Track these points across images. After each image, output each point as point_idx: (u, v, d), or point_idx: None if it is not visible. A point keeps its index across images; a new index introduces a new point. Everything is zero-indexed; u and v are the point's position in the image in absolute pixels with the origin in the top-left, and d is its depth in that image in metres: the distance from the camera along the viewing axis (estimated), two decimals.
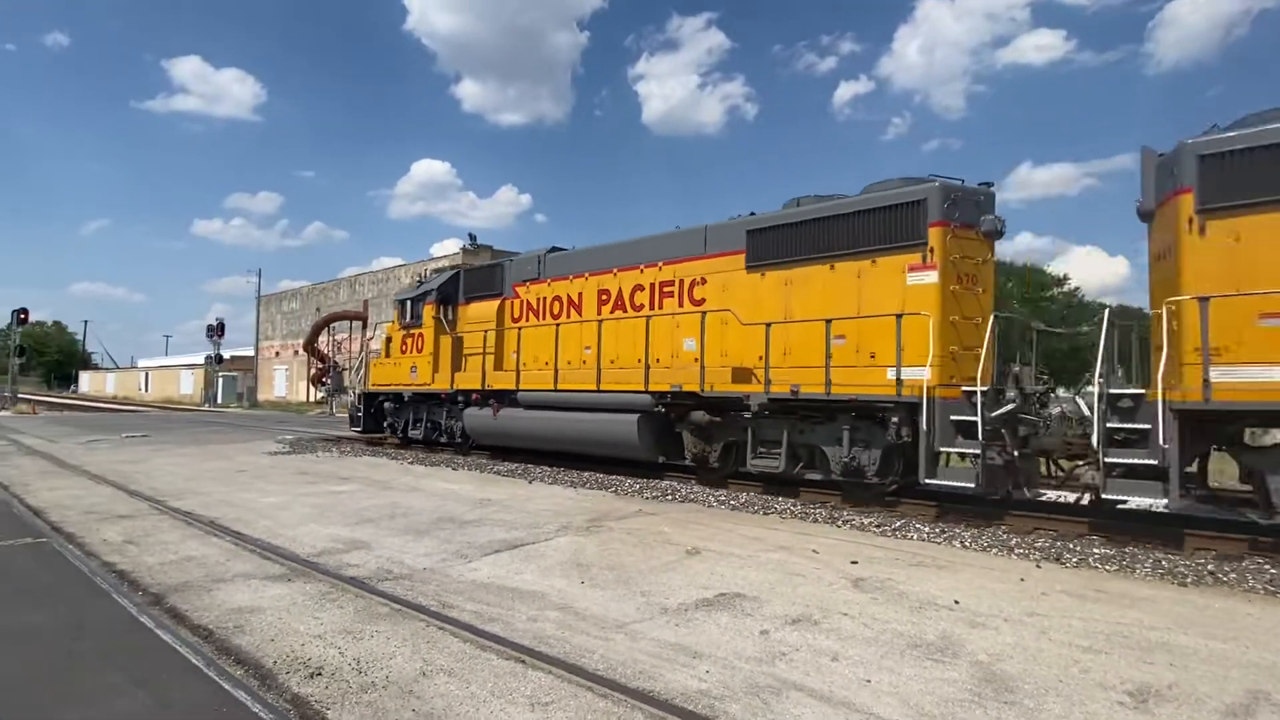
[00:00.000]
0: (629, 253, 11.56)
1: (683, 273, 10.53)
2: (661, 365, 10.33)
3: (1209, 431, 6.49)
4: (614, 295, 11.52)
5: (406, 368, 14.94)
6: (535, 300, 12.90)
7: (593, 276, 11.93)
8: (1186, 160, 6.47)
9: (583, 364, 11.43)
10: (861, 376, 8.22)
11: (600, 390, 10.93)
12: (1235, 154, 6.26)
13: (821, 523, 7.54)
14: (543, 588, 5.01)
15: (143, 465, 11.91)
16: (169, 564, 5.54)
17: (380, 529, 6.96)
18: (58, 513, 7.56)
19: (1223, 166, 6.29)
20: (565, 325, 11.95)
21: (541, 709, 3.16)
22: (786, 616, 4.44)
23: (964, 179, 8.33)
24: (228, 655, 3.73)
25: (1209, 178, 6.33)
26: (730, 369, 9.41)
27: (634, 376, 10.47)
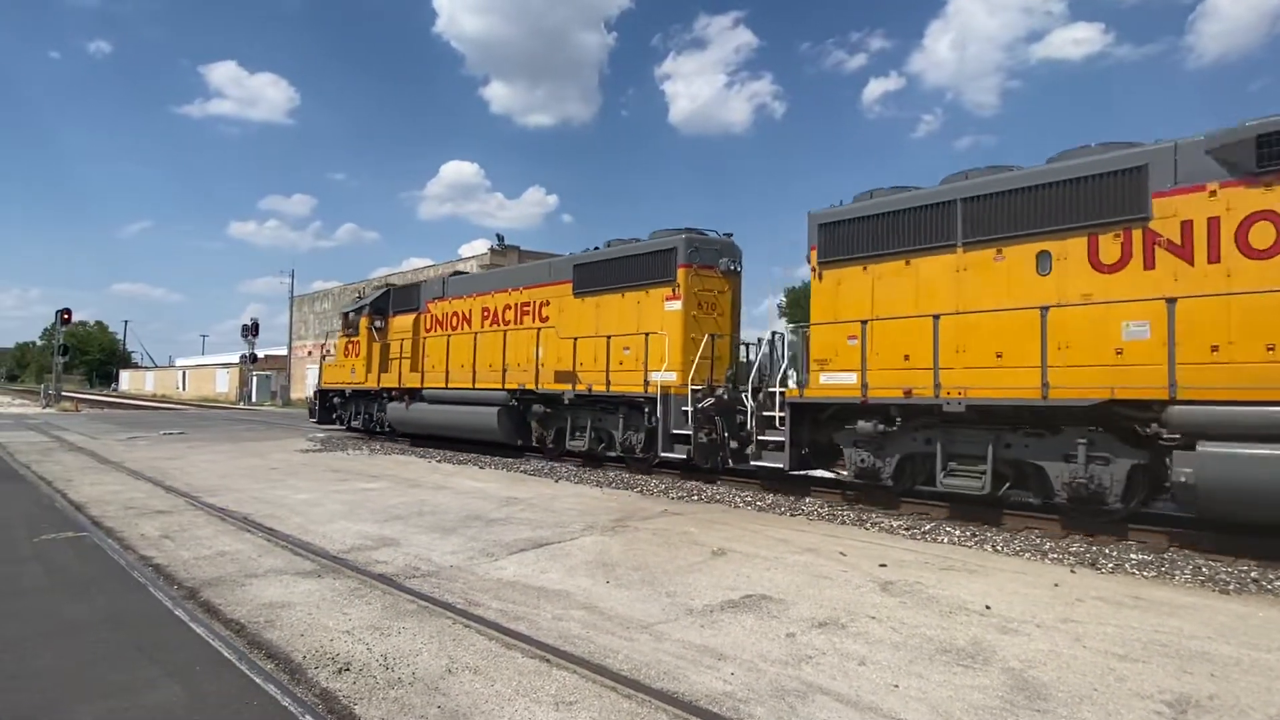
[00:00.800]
0: (504, 279, 14.68)
1: (535, 296, 13.36)
2: (520, 369, 13.15)
3: (811, 418, 9.01)
4: (491, 313, 14.40)
5: (348, 369, 18.30)
6: (440, 315, 15.82)
7: (479, 297, 14.78)
8: (812, 226, 9.14)
9: (460, 367, 14.38)
10: (632, 379, 11.04)
11: (475, 388, 13.88)
12: (836, 224, 8.91)
13: (849, 525, 7.45)
14: (568, 587, 5.02)
15: (179, 462, 12.18)
16: (203, 559, 5.65)
17: (409, 526, 7.03)
18: (98, 508, 7.76)
19: (831, 232, 8.94)
20: (455, 336, 14.95)
21: (566, 708, 3.16)
22: (813, 619, 4.39)
23: (715, 230, 11.54)
24: (259, 649, 3.79)
25: (823, 239, 9.00)
26: (554, 372, 12.39)
27: (497, 378, 13.45)
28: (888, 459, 8.17)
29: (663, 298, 11.00)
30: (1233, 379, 5.93)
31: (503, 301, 14.17)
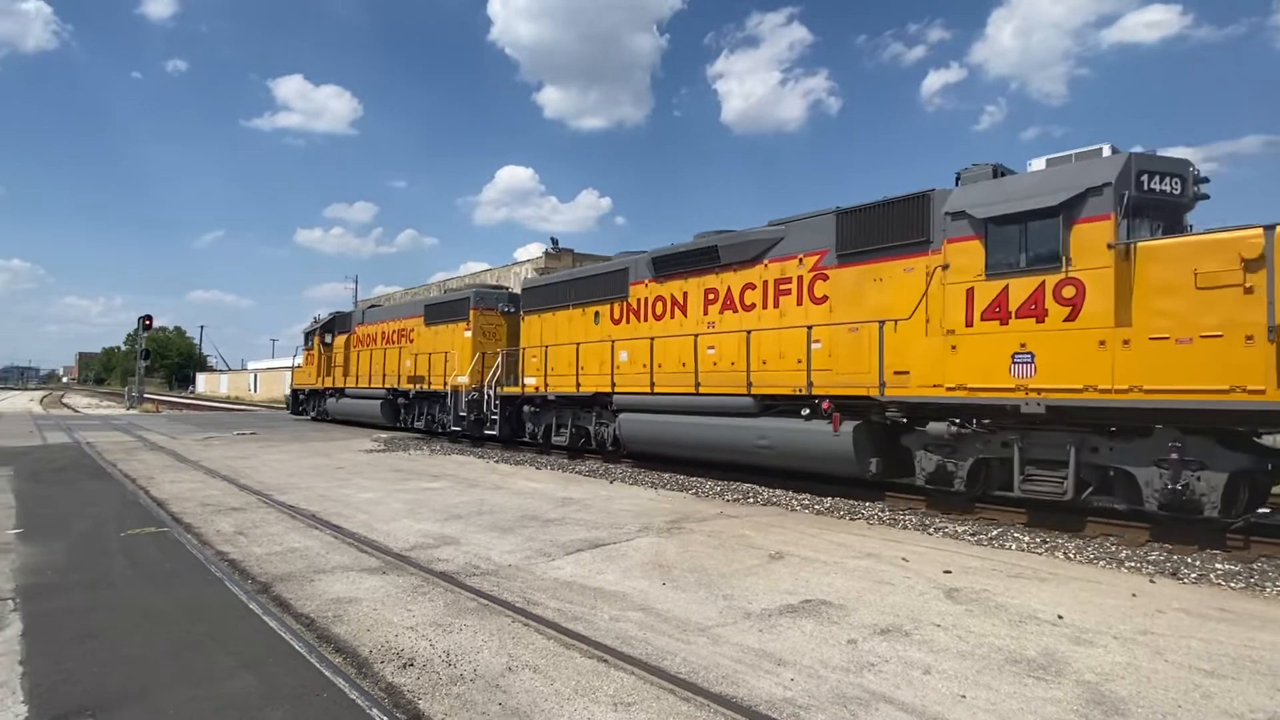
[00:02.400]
0: (391, 312, 22.24)
1: (405, 325, 20.61)
2: (393, 375, 20.30)
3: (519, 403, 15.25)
4: (385, 335, 21.48)
5: (307, 375, 26.41)
6: (361, 336, 23.03)
7: (381, 324, 22.08)
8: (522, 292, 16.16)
9: (366, 373, 21.80)
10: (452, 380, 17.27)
11: (370, 388, 21.32)
12: (529, 289, 15.67)
13: (911, 530, 7.27)
14: (624, 588, 5.03)
15: (251, 461, 12.70)
16: (274, 554, 5.88)
17: (468, 525, 7.16)
18: (178, 504, 8.15)
19: (528, 295, 15.62)
20: (364, 351, 22.40)
21: (624, 709, 3.16)
22: (875, 626, 4.30)
23: (508, 287, 19.19)
24: (327, 643, 3.92)
25: (523, 300, 15.80)
26: (408, 376, 19.38)
27: (381, 380, 20.81)
28: (544, 424, 14.68)
29: (463, 329, 17.64)
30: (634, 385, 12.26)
31: (392, 328, 21.25)
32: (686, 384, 11.06)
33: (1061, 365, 7.00)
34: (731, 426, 10.22)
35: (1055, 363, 7.05)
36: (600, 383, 12.80)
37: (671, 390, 11.32)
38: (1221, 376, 6.03)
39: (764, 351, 10.01)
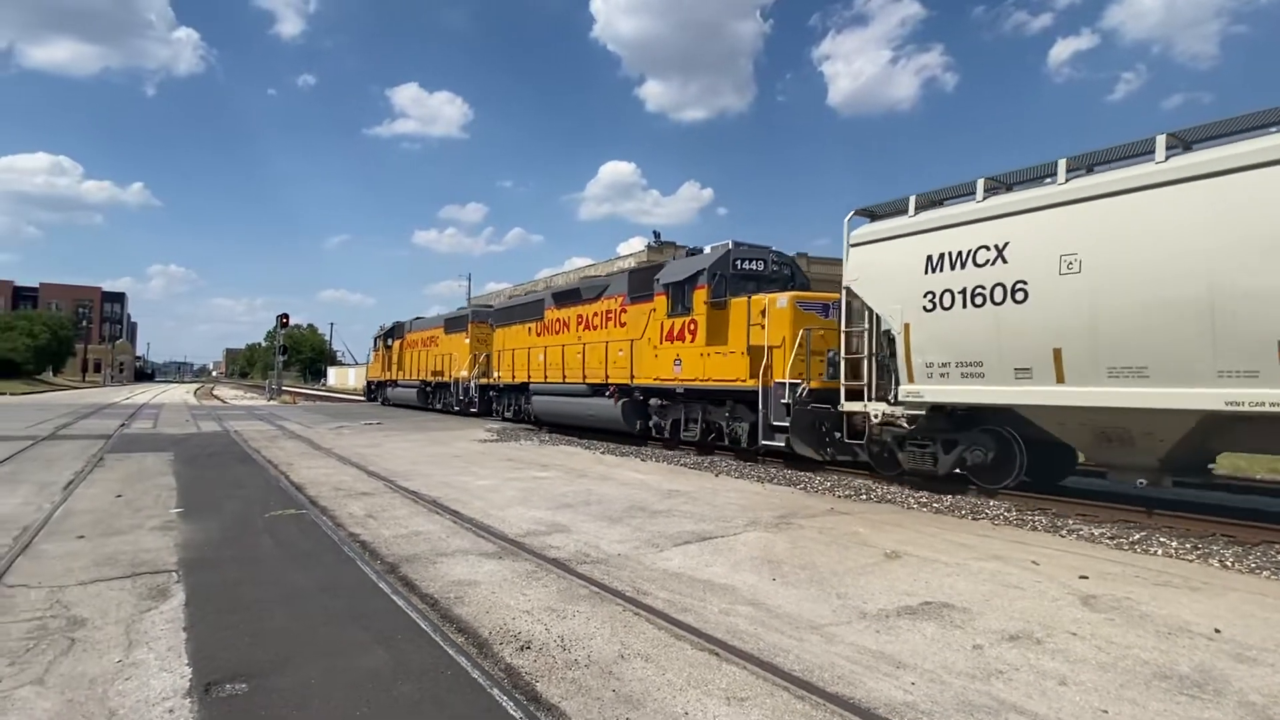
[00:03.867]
0: (425, 324, 29.05)
1: (435, 333, 27.11)
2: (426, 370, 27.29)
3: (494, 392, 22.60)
4: (420, 341, 28.67)
5: (376, 370, 35.11)
6: (409, 341, 30.10)
7: (419, 332, 29.11)
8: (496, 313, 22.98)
9: (411, 369, 29.28)
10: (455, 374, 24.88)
11: (411, 380, 29.13)
12: (500, 309, 22.26)
13: (1041, 531, 6.82)
14: (733, 582, 4.99)
15: (377, 449, 13.51)
16: (400, 537, 6.22)
17: (577, 514, 7.32)
18: (314, 489, 8.78)
19: (498, 313, 22.18)
20: (409, 352, 29.73)
21: (738, 704, 3.13)
22: (1003, 632, 4.05)
23: (491, 305, 26.68)
24: (450, 623, 4.11)
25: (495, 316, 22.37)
26: (431, 371, 26.95)
27: (418, 375, 28.29)
28: (501, 404, 21.39)
29: (464, 337, 24.19)
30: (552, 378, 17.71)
31: (425, 335, 28.09)
32: (562, 377, 16.98)
33: (692, 366, 12.74)
34: (577, 403, 16.26)
35: (688, 365, 12.85)
36: (525, 376, 19.08)
37: (555, 380, 17.33)
38: (742, 372, 11.63)
39: (592, 357, 15.84)
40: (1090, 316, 6.96)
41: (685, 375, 12.88)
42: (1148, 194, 6.65)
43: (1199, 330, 6.23)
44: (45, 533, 6.23)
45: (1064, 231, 7.18)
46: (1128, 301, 6.70)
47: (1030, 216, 7.49)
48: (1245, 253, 5.98)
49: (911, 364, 8.53)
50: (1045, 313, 7.28)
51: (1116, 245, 6.81)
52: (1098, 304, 6.90)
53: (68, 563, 5.27)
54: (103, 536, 6.13)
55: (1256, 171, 5.98)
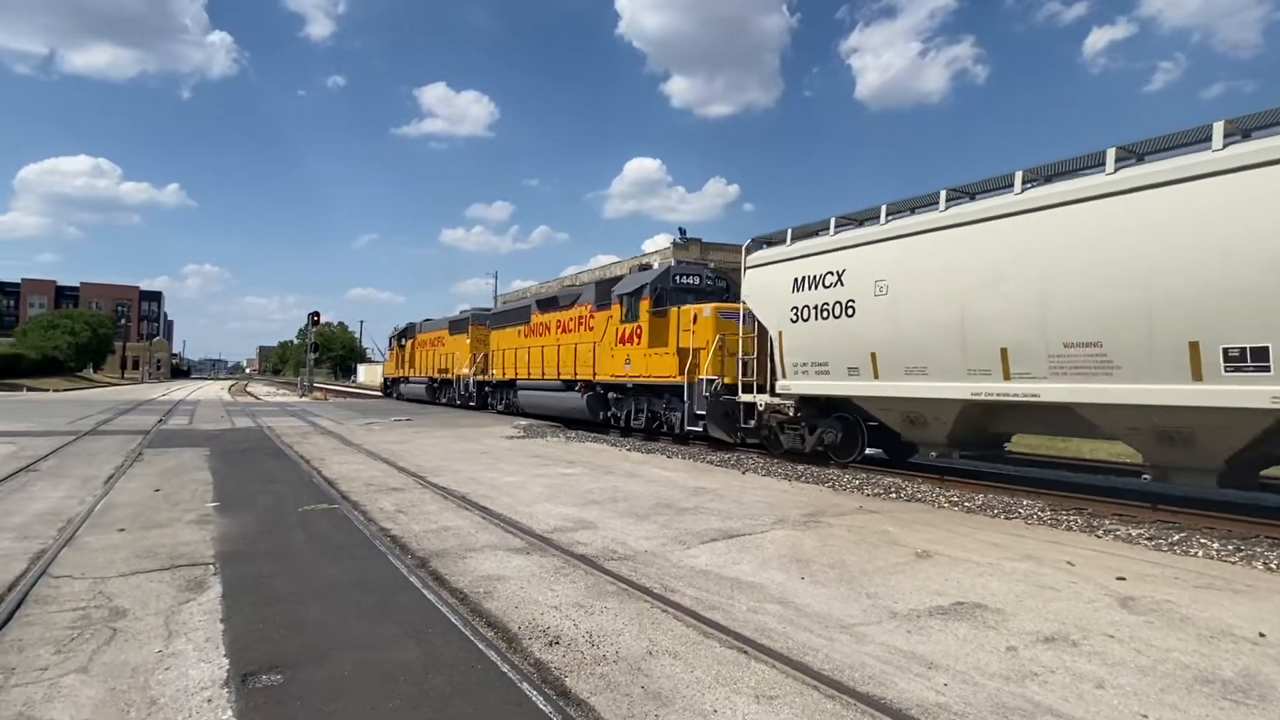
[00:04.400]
0: (434, 325, 31.06)
1: (442, 335, 29.47)
2: (433, 368, 30.06)
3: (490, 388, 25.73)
4: (429, 340, 31.00)
5: (391, 367, 38.65)
6: (419, 340, 32.55)
7: (428, 333, 31.43)
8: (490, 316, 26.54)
9: (422, 367, 31.56)
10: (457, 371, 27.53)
11: (420, 377, 31.81)
12: (496, 313, 25.98)
13: (1077, 531, 6.69)
14: (761, 580, 4.97)
15: (407, 445, 13.67)
16: (430, 532, 6.29)
17: (604, 510, 7.34)
18: (345, 484, 8.91)
19: (494, 316, 25.49)
20: (420, 351, 32.20)
21: (767, 702, 3.12)
22: (1038, 633, 3.98)
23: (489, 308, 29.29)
24: (480, 618, 4.14)
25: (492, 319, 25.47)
26: (438, 369, 29.67)
27: (427, 372, 30.86)
28: (495, 397, 24.17)
29: (465, 338, 26.38)
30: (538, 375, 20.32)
31: (434, 335, 30.52)
32: (541, 374, 19.69)
33: (637, 365, 15.18)
34: (552, 396, 19.05)
35: (635, 364, 15.26)
36: (512, 373, 22.03)
37: (536, 377, 20.06)
38: (674, 370, 13.93)
39: (565, 357, 18.44)
40: (893, 329, 9.15)
41: (633, 373, 15.49)
42: (928, 236, 8.74)
43: (956, 341, 8.40)
44: (88, 525, 6.40)
45: (878, 263, 9.37)
46: (916, 319, 8.85)
47: (859, 250, 9.68)
48: (980, 286, 8.10)
49: (784, 364, 10.94)
50: (866, 325, 9.49)
51: (909, 276, 8.94)
52: (898, 319, 9.08)
53: (109, 555, 5.41)
54: (142, 529, 6.28)
55: (984, 224, 8.18)
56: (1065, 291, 7.32)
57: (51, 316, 79.55)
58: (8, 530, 6.15)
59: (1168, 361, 6.58)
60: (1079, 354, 7.26)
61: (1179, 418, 6.72)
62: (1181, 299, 6.46)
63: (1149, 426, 7.01)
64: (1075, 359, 7.30)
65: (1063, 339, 7.39)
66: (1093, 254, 7.10)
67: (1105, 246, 6.99)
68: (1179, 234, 6.47)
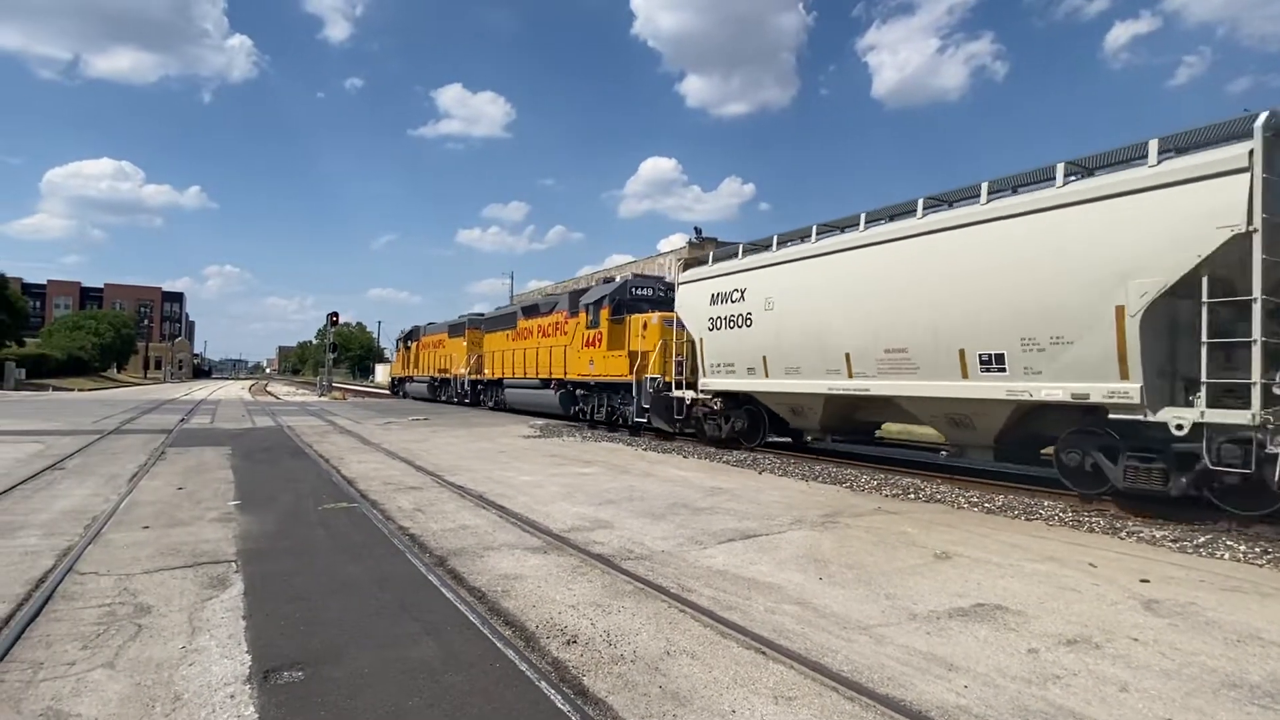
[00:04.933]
0: (436, 329, 32.81)
1: (442, 338, 31.44)
2: (435, 368, 32.07)
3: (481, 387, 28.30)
4: (431, 343, 33.02)
5: (398, 367, 40.59)
6: (422, 343, 34.39)
7: (430, 336, 33.28)
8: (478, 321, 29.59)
9: (425, 367, 33.56)
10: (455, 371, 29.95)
11: (424, 376, 33.75)
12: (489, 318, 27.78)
13: (1099, 533, 6.61)
14: (779, 580, 4.95)
15: (425, 444, 13.76)
16: (448, 531, 6.33)
17: (621, 510, 7.35)
18: (364, 483, 8.99)
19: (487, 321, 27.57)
20: (424, 352, 34.08)
21: (785, 703, 3.11)
22: (1060, 636, 3.94)
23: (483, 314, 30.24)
24: (498, 616, 4.16)
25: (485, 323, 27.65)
26: (437, 369, 31.91)
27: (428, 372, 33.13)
28: (486, 395, 26.41)
29: (462, 341, 28.22)
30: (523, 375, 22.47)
31: (435, 338, 32.46)
32: (524, 373, 22.00)
33: (598, 365, 17.31)
34: (532, 393, 21.36)
35: (597, 365, 17.36)
36: (500, 373, 24.34)
37: (519, 376, 22.39)
38: (626, 370, 15.94)
39: (542, 358, 20.62)
40: (777, 337, 11.31)
41: (595, 372, 17.75)
42: (799, 264, 10.98)
43: (818, 347, 10.50)
44: (113, 523, 6.51)
45: (767, 284, 11.54)
46: (792, 329, 11.01)
47: (755, 272, 11.91)
48: (833, 304, 10.18)
49: (705, 365, 13.28)
50: (759, 334, 11.67)
51: (787, 295, 11.12)
52: (780, 330, 11.26)
53: (134, 552, 5.49)
54: (166, 527, 6.37)
55: (836, 255, 10.28)
56: (886, 309, 9.36)
57: (76, 317, 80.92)
58: (35, 527, 6.27)
59: (947, 364, 8.58)
60: (895, 358, 9.31)
61: (959, 406, 8.74)
62: (954, 319, 8.46)
63: (943, 413, 9.07)
64: (893, 361, 9.35)
65: (884, 346, 9.41)
66: (903, 282, 9.13)
67: (910, 277, 9.01)
68: (951, 269, 8.50)
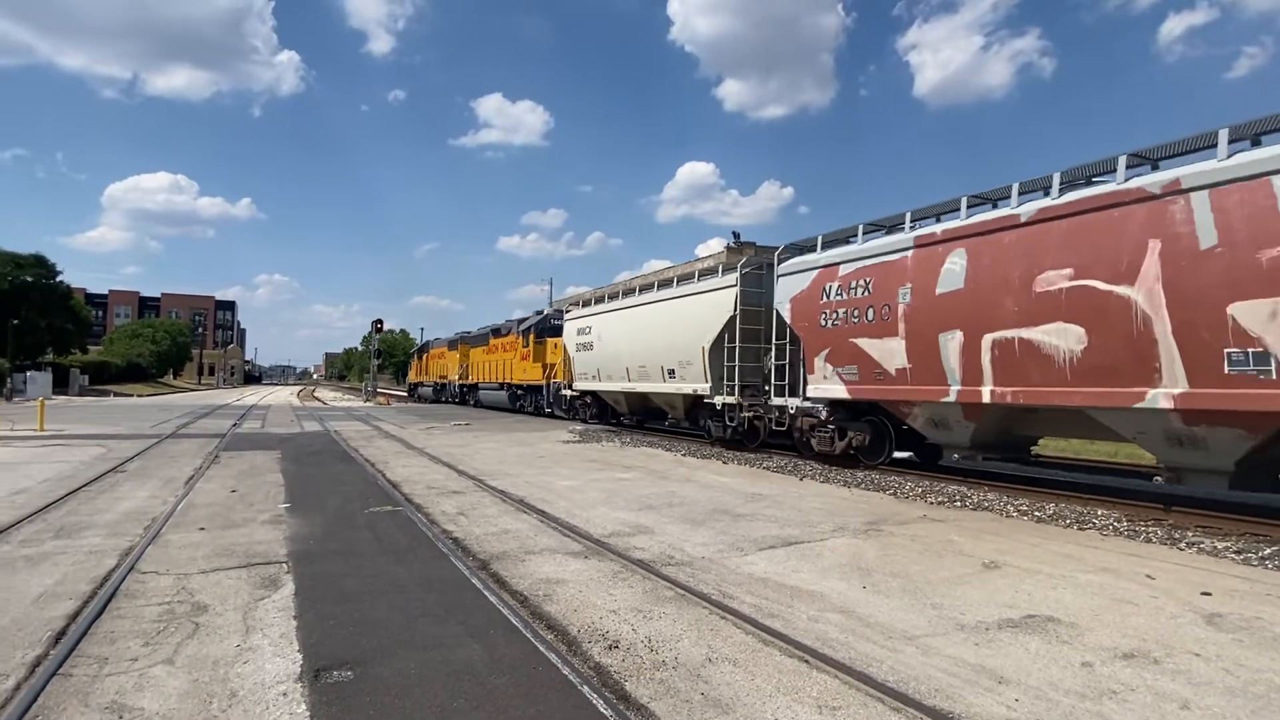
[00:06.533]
0: (441, 344, 40.90)
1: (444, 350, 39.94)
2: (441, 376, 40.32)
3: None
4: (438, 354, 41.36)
5: (414, 374, 49.86)
6: (431, 354, 43.48)
7: (438, 349, 41.65)
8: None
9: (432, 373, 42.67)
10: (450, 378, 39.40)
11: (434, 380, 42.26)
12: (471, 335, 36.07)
13: (1156, 543, 6.38)
14: (821, 588, 4.89)
15: (466, 449, 13.95)
16: (491, 535, 6.40)
17: (660, 516, 7.34)
18: (408, 486, 9.15)
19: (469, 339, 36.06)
20: (432, 362, 42.81)
21: (830, 712, 3.07)
22: (1115, 650, 3.81)
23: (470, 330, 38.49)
24: (540, 620, 4.20)
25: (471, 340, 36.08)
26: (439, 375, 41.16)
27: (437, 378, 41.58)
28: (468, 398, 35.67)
29: (456, 354, 36.16)
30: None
31: (439, 351, 40.49)
32: (489, 379, 30.44)
33: (528, 374, 26.33)
34: (495, 394, 29.81)
35: (528, 373, 26.36)
36: (477, 379, 32.63)
37: (486, 381, 31.20)
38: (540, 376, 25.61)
39: (501, 368, 28.86)
40: (604, 357, 18.49)
41: (525, 378, 26.85)
42: (612, 314, 18.26)
43: (621, 364, 17.54)
44: (170, 524, 6.74)
45: (600, 325, 18.83)
46: (610, 352, 18.20)
47: (597, 317, 19.05)
48: (619, 337, 17.67)
49: (574, 372, 20.62)
50: (599, 354, 18.85)
51: (606, 333, 18.44)
52: (605, 352, 18.45)
53: (191, 552, 5.68)
54: (220, 529, 6.57)
55: (625, 310, 17.70)
56: (639, 343, 16.81)
57: (135, 326, 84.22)
58: (100, 527, 6.53)
59: (657, 374, 15.97)
60: (643, 370, 16.69)
61: (667, 398, 16.18)
62: (658, 349, 15.86)
63: (664, 401, 16.49)
64: (643, 372, 16.72)
65: (639, 364, 16.83)
66: (642, 329, 16.71)
67: (644, 327, 16.59)
68: (654, 324, 16.09)
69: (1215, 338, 6.49)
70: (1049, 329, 7.84)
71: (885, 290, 9.95)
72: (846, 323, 10.61)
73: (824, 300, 11.06)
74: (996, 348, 8.41)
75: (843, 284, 10.73)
